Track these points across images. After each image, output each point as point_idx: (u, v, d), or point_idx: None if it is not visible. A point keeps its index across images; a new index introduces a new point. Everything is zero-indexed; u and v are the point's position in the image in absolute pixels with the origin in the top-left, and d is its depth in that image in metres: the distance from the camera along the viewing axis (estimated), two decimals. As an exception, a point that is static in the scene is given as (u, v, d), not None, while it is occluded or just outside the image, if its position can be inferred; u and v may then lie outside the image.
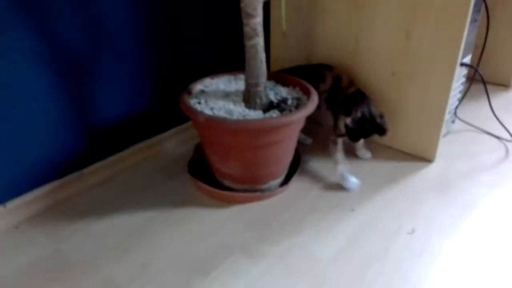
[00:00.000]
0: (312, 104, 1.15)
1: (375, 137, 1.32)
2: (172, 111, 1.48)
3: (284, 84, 1.31)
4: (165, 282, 0.97)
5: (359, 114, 1.25)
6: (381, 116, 1.28)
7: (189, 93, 1.24)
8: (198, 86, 1.28)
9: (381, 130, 1.27)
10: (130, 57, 1.30)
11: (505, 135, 1.55)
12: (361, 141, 1.39)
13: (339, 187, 1.28)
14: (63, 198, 1.25)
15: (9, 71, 1.05)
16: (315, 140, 1.53)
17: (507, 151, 1.48)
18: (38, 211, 1.19)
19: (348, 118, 1.26)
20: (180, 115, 1.21)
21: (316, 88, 1.27)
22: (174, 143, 1.53)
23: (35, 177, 1.18)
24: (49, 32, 1.09)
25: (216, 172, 1.26)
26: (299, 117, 1.11)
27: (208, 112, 1.13)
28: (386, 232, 1.12)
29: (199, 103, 1.18)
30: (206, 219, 1.17)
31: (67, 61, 1.15)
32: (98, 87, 1.25)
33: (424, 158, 1.42)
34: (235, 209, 1.21)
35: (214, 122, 1.09)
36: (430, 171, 1.37)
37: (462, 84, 1.49)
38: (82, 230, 1.13)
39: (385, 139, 1.46)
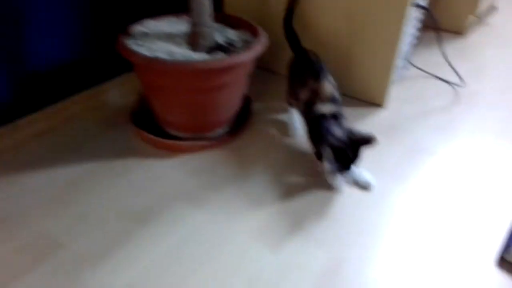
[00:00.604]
0: (259, 46, 1.08)
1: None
2: (114, 59, 1.38)
3: (234, 26, 1.24)
4: (104, 232, 0.93)
5: (333, 146, 0.99)
6: (351, 131, 1.03)
7: (128, 34, 1.15)
8: (138, 28, 1.18)
9: (366, 140, 1.00)
10: (61, -5, 1.18)
11: (457, 80, 1.56)
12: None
13: (288, 139, 1.26)
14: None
15: None
16: (269, 89, 1.49)
17: (456, 95, 1.49)
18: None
19: (323, 159, 1.01)
20: (123, 63, 1.12)
21: (297, 92, 1.15)
22: (118, 93, 1.44)
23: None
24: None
25: (161, 121, 1.19)
26: (245, 59, 1.05)
27: (147, 53, 1.04)
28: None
29: (138, 44, 1.09)
30: (149, 169, 1.12)
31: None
32: (29, 33, 1.13)
33: (374, 103, 1.41)
34: (181, 159, 1.16)
35: (152, 63, 1.01)
36: (379, 116, 1.36)
37: (416, 28, 1.46)
38: (17, 184, 1.05)
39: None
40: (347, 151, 0.99)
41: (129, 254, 0.88)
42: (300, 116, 1.16)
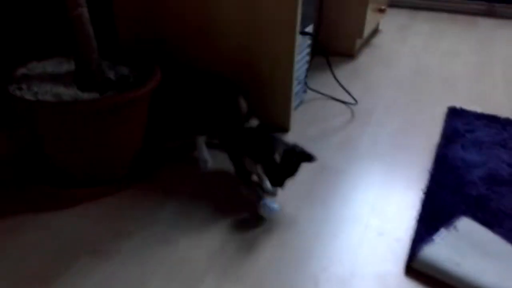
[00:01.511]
0: (153, 81, 1.05)
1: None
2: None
3: (126, 63, 1.19)
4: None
5: (281, 151, 1.02)
6: (295, 144, 1.07)
7: (10, 79, 1.05)
8: (20, 70, 1.09)
9: (309, 157, 1.04)
10: None
11: (351, 99, 1.67)
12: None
13: (196, 173, 1.22)
14: None
15: None
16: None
17: (352, 113, 1.59)
18: None
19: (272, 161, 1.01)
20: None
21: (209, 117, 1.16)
22: (3, 145, 1.30)
23: None
24: None
25: (57, 168, 1.09)
26: (137, 95, 1.01)
27: (30, 97, 0.96)
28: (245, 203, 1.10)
29: (19, 88, 1.00)
30: (46, 224, 1.01)
31: None
32: None
33: (281, 127, 1.44)
34: (83, 208, 1.06)
35: (36, 108, 0.93)
36: (286, 139, 1.39)
37: (307, 54, 1.54)
38: None
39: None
40: (294, 159, 1.02)
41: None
42: (219, 140, 1.17)
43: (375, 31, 2.58)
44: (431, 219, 1.04)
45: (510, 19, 2.94)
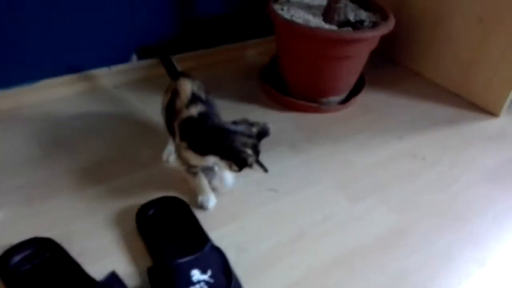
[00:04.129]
0: (386, 27, 1.21)
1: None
2: (259, 21, 1.60)
3: (367, 8, 1.36)
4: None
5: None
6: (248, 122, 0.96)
7: (275, 0, 1.35)
8: (285, -3, 1.38)
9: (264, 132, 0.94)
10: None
11: None
12: None
13: (398, 114, 1.36)
14: (155, 75, 1.42)
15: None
16: (384, 74, 1.58)
17: None
18: (134, 80, 1.42)
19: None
20: (265, 27, 1.32)
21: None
22: (255, 52, 1.67)
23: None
24: None
25: (284, 80, 1.39)
26: (371, 35, 1.19)
27: (287, 17, 1.24)
28: (427, 162, 1.19)
29: (281, 9, 1.29)
30: (265, 116, 1.31)
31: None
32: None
33: (489, 111, 1.41)
34: (293, 114, 1.34)
35: (291, 26, 1.20)
36: (492, 124, 1.37)
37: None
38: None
39: (454, 86, 1.48)
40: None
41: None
42: None
43: None
44: None
45: None
